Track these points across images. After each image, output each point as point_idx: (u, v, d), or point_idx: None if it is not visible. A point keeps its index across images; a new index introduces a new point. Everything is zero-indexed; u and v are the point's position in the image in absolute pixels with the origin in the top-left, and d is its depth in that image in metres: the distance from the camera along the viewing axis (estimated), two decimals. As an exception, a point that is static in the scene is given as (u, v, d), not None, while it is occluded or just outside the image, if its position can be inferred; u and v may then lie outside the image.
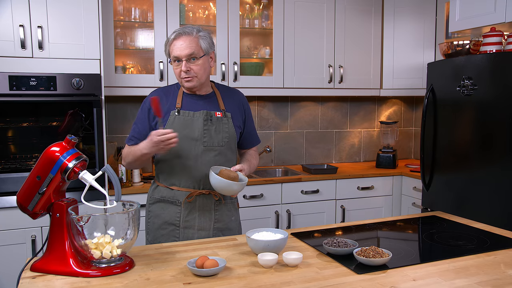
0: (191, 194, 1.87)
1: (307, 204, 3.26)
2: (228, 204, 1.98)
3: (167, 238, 1.90)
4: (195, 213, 1.89)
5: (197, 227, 1.90)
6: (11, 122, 2.61)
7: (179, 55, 1.82)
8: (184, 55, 1.81)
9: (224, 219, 1.95)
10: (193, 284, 1.31)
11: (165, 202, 1.92)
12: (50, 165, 1.40)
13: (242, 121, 2.02)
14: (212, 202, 1.92)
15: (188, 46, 1.81)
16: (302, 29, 3.44)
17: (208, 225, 1.91)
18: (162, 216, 1.91)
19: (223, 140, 1.91)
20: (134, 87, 3.04)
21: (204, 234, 1.90)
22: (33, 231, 2.57)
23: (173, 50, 1.83)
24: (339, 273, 1.40)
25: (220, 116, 1.91)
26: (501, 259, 1.53)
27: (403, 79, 3.70)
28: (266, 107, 3.76)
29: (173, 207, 1.90)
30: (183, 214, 1.89)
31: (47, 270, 1.39)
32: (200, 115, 1.88)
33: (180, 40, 1.82)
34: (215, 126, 1.89)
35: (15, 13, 2.50)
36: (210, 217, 1.92)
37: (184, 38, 1.82)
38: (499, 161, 2.52)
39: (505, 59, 2.50)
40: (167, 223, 1.91)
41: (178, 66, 1.85)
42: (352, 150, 4.10)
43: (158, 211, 1.93)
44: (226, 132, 1.92)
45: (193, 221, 1.89)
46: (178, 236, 1.90)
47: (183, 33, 1.83)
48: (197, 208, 1.89)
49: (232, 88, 2.07)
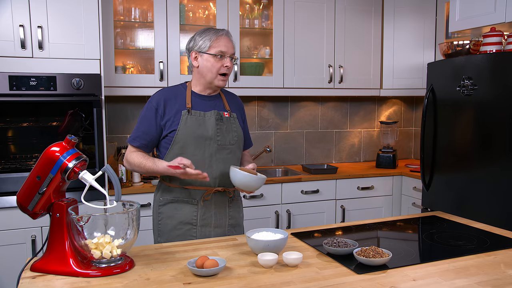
0: (208, 192, 1.90)
1: (307, 204, 3.26)
2: (238, 201, 2.04)
3: (183, 238, 1.90)
4: (212, 211, 1.93)
5: (214, 224, 1.93)
6: (11, 122, 2.61)
7: (227, 51, 1.89)
8: (231, 53, 1.91)
9: (236, 216, 2.02)
10: (193, 284, 1.31)
11: (179, 202, 1.92)
12: (50, 165, 1.40)
13: (242, 123, 2.08)
14: (226, 199, 1.96)
15: (233, 46, 1.94)
16: (302, 29, 3.44)
17: (223, 222, 1.96)
18: (177, 216, 1.92)
19: (234, 139, 1.96)
20: (134, 87, 3.04)
21: (220, 231, 1.95)
22: (33, 231, 2.57)
23: (220, 45, 1.89)
24: (339, 273, 1.40)
25: (228, 116, 1.97)
26: (501, 259, 1.53)
27: (403, 79, 3.70)
28: (266, 107, 3.76)
29: (188, 207, 1.91)
30: (200, 213, 1.91)
31: (47, 270, 1.39)
32: (212, 114, 1.91)
33: (227, 39, 1.92)
34: (226, 125, 1.94)
35: (15, 13, 2.50)
36: (225, 214, 1.96)
37: (230, 38, 1.93)
38: (499, 161, 2.52)
39: (505, 59, 2.50)
40: (182, 223, 1.91)
41: (220, 61, 1.89)
42: (352, 150, 4.10)
43: (171, 212, 1.93)
44: (235, 131, 1.98)
45: (210, 219, 1.93)
46: (195, 235, 1.91)
47: (229, 34, 1.95)
48: (213, 205, 1.93)
49: (230, 92, 2.13)
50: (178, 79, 3.08)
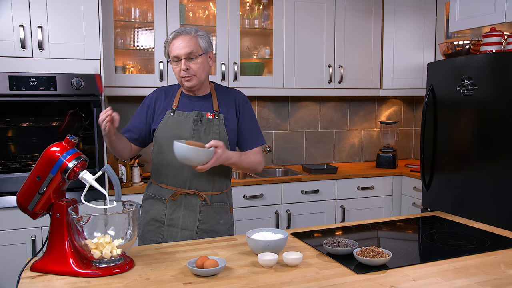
0: (176, 193, 1.89)
1: (307, 204, 3.26)
2: (215, 206, 1.94)
3: (153, 234, 1.93)
4: (180, 212, 1.90)
5: (181, 226, 1.90)
6: (11, 122, 2.61)
7: (178, 54, 1.83)
8: (183, 53, 1.82)
9: (209, 221, 1.93)
10: (193, 284, 1.31)
11: (155, 199, 1.95)
12: (50, 165, 1.40)
13: (236, 121, 1.99)
14: (197, 203, 1.90)
15: (187, 45, 1.83)
16: (302, 29, 3.44)
17: (192, 225, 1.90)
18: (150, 212, 1.95)
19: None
20: (134, 87, 3.04)
21: (188, 234, 1.90)
22: (33, 231, 2.57)
23: (172, 49, 1.85)
24: (339, 273, 1.40)
25: (212, 117, 1.90)
26: (501, 259, 1.53)
27: (403, 79, 3.70)
28: (266, 107, 3.76)
29: (160, 205, 1.93)
30: (168, 212, 1.91)
31: (47, 270, 1.39)
32: (191, 115, 1.89)
33: (179, 40, 1.84)
34: (205, 127, 1.89)
35: (15, 13, 2.50)
36: (194, 217, 1.90)
37: (182, 37, 1.84)
38: (499, 161, 2.52)
39: (505, 59, 2.50)
40: (153, 219, 1.93)
41: (178, 65, 1.85)
42: (352, 150, 4.10)
43: (148, 207, 1.96)
44: (216, 133, 1.90)
45: (177, 220, 1.90)
46: (163, 234, 1.91)
47: (182, 33, 1.85)
48: (182, 207, 1.90)
49: (231, 89, 2.06)
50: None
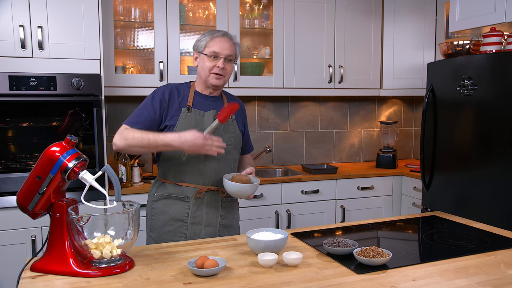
0: (200, 190, 1.91)
1: (307, 204, 3.26)
2: (233, 201, 2.04)
3: (173, 234, 1.92)
4: (203, 209, 1.93)
5: (205, 223, 1.94)
6: (11, 122, 2.61)
7: (221, 52, 1.90)
8: (225, 54, 1.91)
9: (229, 216, 2.01)
10: (193, 284, 1.31)
11: (172, 199, 1.93)
12: (50, 165, 1.40)
13: (243, 127, 2.10)
14: (219, 199, 1.97)
15: (230, 47, 1.93)
16: (302, 29, 3.44)
17: (215, 221, 1.96)
18: (169, 212, 1.93)
19: (230, 140, 1.98)
20: (134, 87, 3.04)
21: (211, 230, 1.95)
22: (33, 231, 2.57)
23: (214, 45, 1.91)
24: (339, 273, 1.40)
25: None
26: (501, 259, 1.53)
27: (403, 79, 3.70)
28: (266, 107, 3.76)
29: (181, 203, 1.92)
30: (192, 210, 1.92)
31: (47, 270, 1.39)
32: (210, 114, 1.95)
33: (224, 40, 1.92)
34: (223, 126, 1.95)
35: (15, 13, 2.50)
36: (216, 213, 1.96)
37: (228, 39, 1.94)
38: (499, 161, 2.52)
39: (505, 59, 2.50)
40: (174, 219, 1.92)
41: (213, 61, 1.91)
42: (352, 150, 4.10)
43: (164, 208, 1.94)
44: (232, 132, 1.99)
45: (201, 217, 1.93)
46: (186, 232, 1.92)
47: (227, 35, 1.95)
48: (205, 204, 1.93)
49: (234, 96, 2.15)
50: (178, 79, 3.08)
